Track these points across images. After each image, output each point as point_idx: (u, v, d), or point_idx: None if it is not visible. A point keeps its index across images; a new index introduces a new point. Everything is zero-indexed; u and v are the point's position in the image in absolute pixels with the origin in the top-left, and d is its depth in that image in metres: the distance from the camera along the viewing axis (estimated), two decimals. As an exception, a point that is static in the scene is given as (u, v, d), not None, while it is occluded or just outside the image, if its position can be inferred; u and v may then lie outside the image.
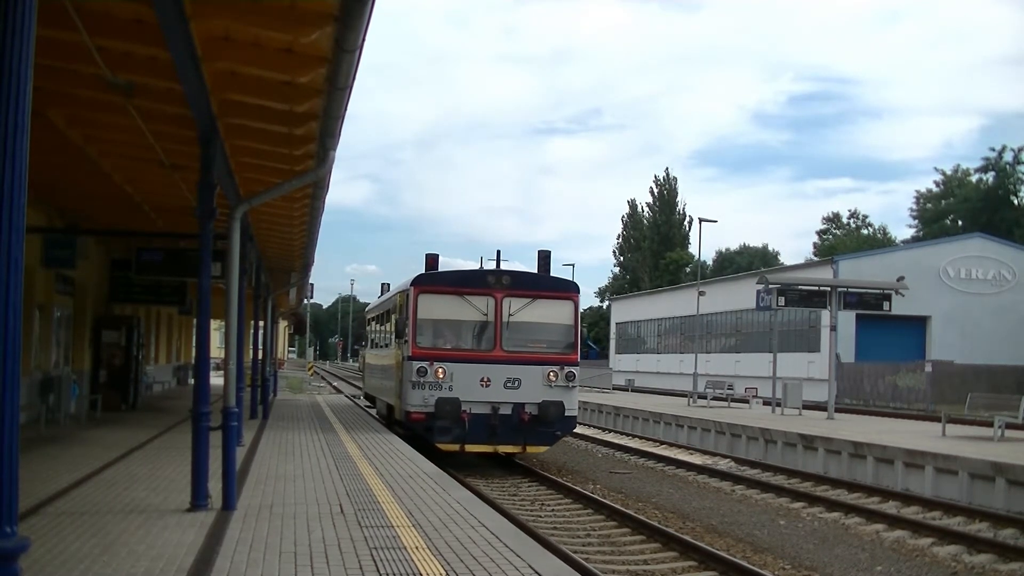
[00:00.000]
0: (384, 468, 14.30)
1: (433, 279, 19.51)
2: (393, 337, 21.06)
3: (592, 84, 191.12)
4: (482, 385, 18.50)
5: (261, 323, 26.89)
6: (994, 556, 12.51)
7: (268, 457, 15.37)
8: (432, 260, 20.80)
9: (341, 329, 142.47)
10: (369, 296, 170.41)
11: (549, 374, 18.80)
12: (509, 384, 18.58)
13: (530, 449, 19.12)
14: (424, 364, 18.39)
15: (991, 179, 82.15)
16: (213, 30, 8.00)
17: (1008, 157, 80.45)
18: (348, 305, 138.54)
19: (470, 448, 18.50)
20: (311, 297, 54.45)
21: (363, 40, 7.46)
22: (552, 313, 19.47)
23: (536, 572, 7.61)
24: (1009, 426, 22.33)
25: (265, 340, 28.45)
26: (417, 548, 8.41)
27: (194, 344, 20.65)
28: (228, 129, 10.60)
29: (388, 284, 30.34)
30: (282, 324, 58.14)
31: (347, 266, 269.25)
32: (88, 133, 12.17)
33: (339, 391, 50.95)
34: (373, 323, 29.14)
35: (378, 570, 7.55)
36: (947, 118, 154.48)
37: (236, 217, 11.10)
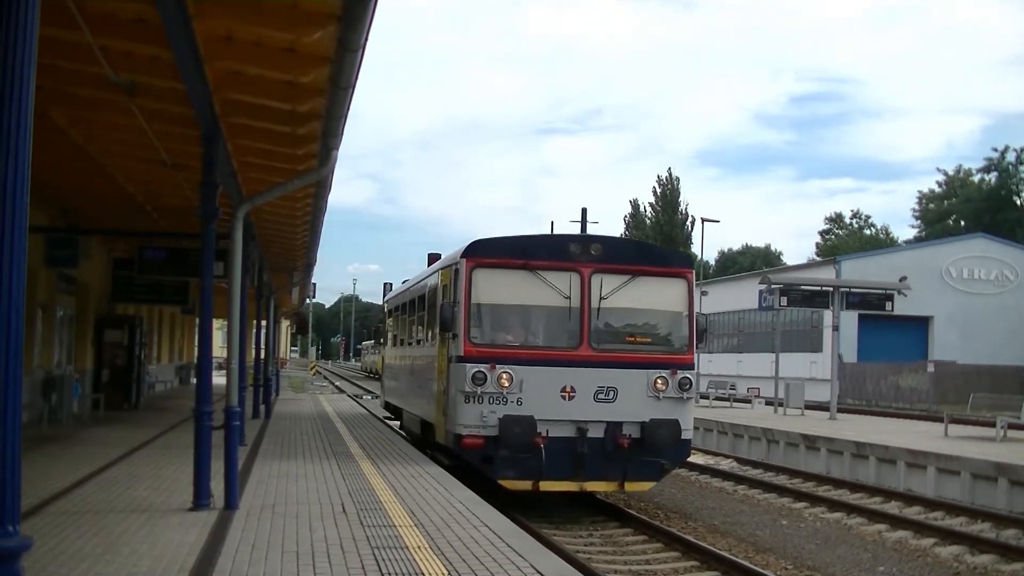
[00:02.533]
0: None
1: (494, 248, 14.04)
2: (428, 331, 16.74)
3: (592, 84, 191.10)
4: (563, 397, 13.45)
5: (263, 322, 26.89)
6: (996, 556, 12.49)
7: (270, 456, 15.37)
8: (435, 260, 19.56)
9: (344, 328, 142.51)
10: (371, 296, 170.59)
11: (656, 380, 13.78)
12: (601, 395, 13.57)
13: (630, 486, 14.05)
14: (482, 368, 13.28)
15: (993, 179, 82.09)
16: (215, 29, 8.00)
17: (1011, 157, 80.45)
18: (351, 304, 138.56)
19: (548, 486, 13.45)
20: (313, 296, 54.36)
21: (366, 40, 7.46)
22: (659, 296, 14.54)
23: (538, 572, 7.60)
24: (1011, 426, 22.31)
25: (267, 340, 28.45)
26: (419, 548, 8.40)
27: (196, 343, 20.62)
28: (230, 129, 10.60)
29: (390, 284, 29.67)
30: (284, 324, 58.14)
31: (349, 265, 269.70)
32: (90, 132, 12.17)
33: (341, 391, 50.91)
34: (397, 314, 22.58)
35: (380, 570, 7.54)
36: (949, 118, 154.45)
37: (238, 217, 11.10)
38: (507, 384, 13.28)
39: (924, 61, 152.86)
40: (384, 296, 29.76)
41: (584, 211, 46.56)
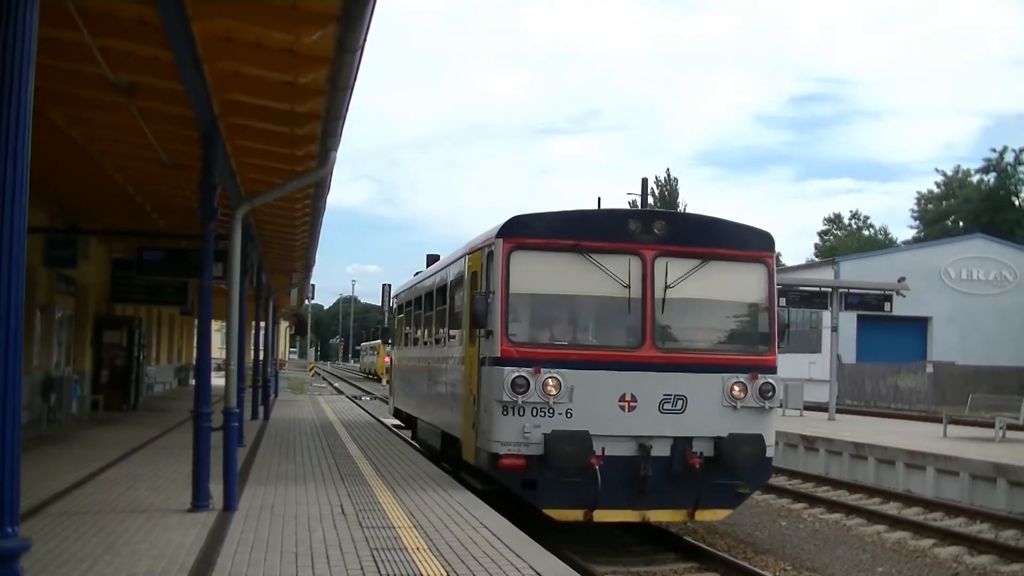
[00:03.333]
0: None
1: (536, 226, 11.80)
2: (451, 328, 14.76)
3: (592, 84, 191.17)
4: (622, 408, 11.35)
5: (262, 324, 26.89)
6: (995, 557, 12.49)
7: (269, 457, 15.36)
8: (434, 261, 19.26)
9: (342, 330, 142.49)
10: (370, 297, 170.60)
11: (732, 387, 11.68)
12: (668, 405, 11.47)
13: (701, 515, 11.87)
14: (523, 372, 11.14)
15: (992, 180, 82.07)
16: (215, 30, 7.99)
17: (1009, 158, 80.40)
18: (349, 306, 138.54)
19: (603, 516, 11.32)
20: (312, 298, 54.34)
21: (364, 40, 7.46)
22: (735, 284, 12.44)
23: (537, 573, 7.60)
24: (1010, 427, 22.28)
25: (266, 341, 28.45)
26: (418, 549, 8.40)
27: (195, 344, 20.63)
28: (230, 129, 10.60)
29: (389, 284, 29.58)
30: (283, 325, 58.13)
31: (348, 266, 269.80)
32: (89, 133, 12.17)
33: (340, 392, 50.89)
34: (410, 310, 20.12)
35: (379, 571, 7.54)
36: (948, 119, 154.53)
37: (237, 217, 11.10)
38: (554, 392, 11.16)
39: (923, 61, 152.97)
40: (383, 296, 29.63)
41: (645, 182, 39.60)
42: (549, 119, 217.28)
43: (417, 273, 21.25)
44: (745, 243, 12.36)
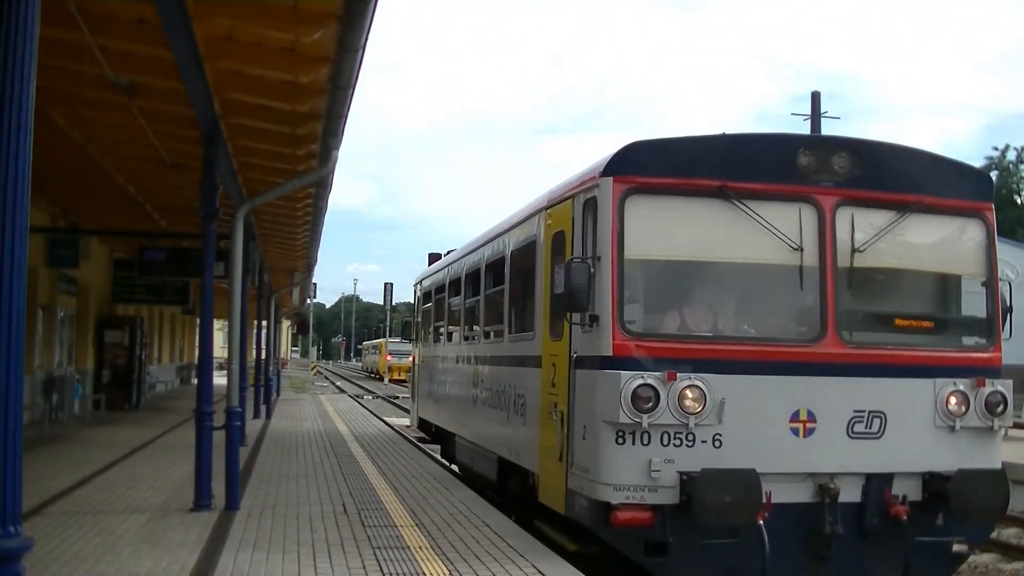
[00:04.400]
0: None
1: (663, 160, 8.14)
2: (513, 316, 11.10)
3: (593, 83, 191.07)
4: (795, 432, 7.84)
5: (264, 323, 26.90)
6: (997, 555, 12.48)
7: (271, 456, 15.36)
8: (434, 259, 18.85)
9: (344, 329, 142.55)
10: (372, 296, 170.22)
11: (949, 398, 8.18)
12: (859, 426, 7.95)
13: None
14: (651, 378, 7.64)
15: (994, 178, 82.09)
16: (216, 30, 8.00)
17: (1011, 156, 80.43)
18: (351, 305, 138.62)
19: None
20: (314, 297, 54.39)
21: (366, 39, 7.46)
22: (946, 248, 8.88)
23: (539, 572, 7.60)
24: (1014, 425, 22.22)
25: (268, 340, 28.46)
26: (420, 548, 8.40)
27: (197, 344, 20.64)
28: (231, 129, 10.61)
29: (391, 283, 29.33)
30: (285, 324, 58.15)
31: (349, 265, 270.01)
32: (91, 133, 12.18)
33: (342, 391, 50.91)
34: (442, 298, 16.24)
35: (381, 570, 7.54)
36: (950, 118, 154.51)
37: (239, 217, 11.10)
38: (696, 408, 7.60)
39: (923, 61, 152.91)
40: (385, 296, 29.44)
41: (816, 97, 31.00)
42: (550, 119, 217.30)
43: (448, 252, 17.07)
44: (959, 188, 8.66)
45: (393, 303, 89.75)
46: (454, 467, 15.73)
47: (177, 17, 7.16)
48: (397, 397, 44.26)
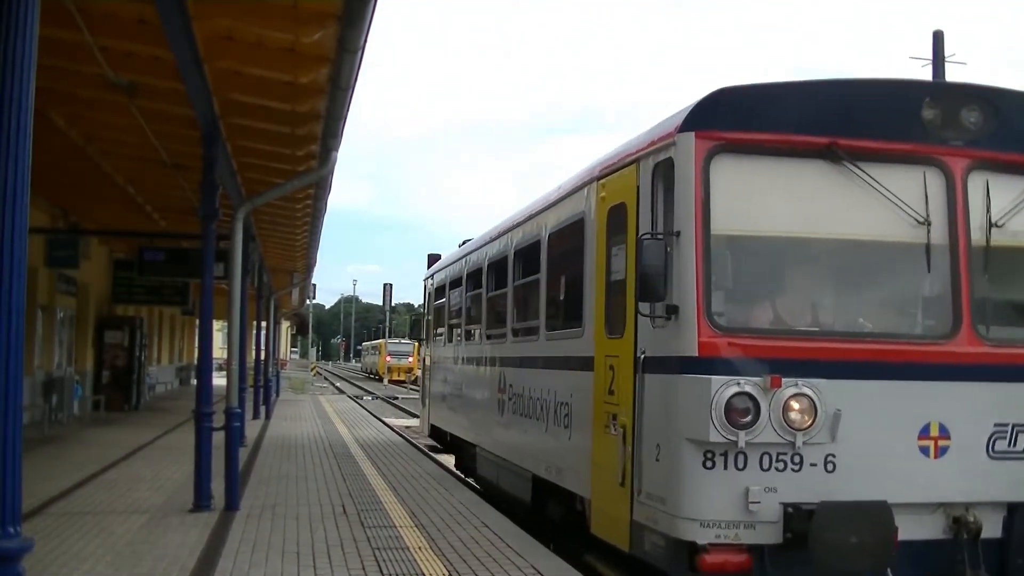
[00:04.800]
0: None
1: (757, 111, 6.74)
2: (553, 310, 9.62)
3: (593, 83, 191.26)
4: (924, 451, 6.43)
5: (263, 323, 26.89)
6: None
7: (271, 457, 15.36)
8: (434, 261, 18.31)
9: (344, 329, 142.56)
10: (371, 296, 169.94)
11: None
12: (1001, 443, 6.54)
13: None
14: (749, 384, 6.22)
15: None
16: (216, 30, 8.00)
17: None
18: (351, 305, 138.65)
19: None
20: (313, 297, 54.38)
21: (365, 40, 7.46)
22: None
23: (539, 572, 7.59)
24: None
25: (267, 341, 28.46)
26: (420, 548, 8.40)
27: (196, 344, 20.63)
28: (230, 129, 10.61)
29: (390, 284, 29.04)
30: (284, 324, 58.16)
31: (349, 266, 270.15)
32: (90, 133, 12.17)
33: (342, 392, 50.91)
34: (458, 292, 14.96)
35: (381, 571, 7.54)
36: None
37: (239, 217, 11.10)
38: (806, 422, 6.22)
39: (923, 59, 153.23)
40: (385, 296, 29.21)
41: (938, 36, 24.51)
42: (551, 118, 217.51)
43: (465, 243, 15.61)
44: None
45: (392, 304, 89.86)
46: (469, 478, 14.56)
47: (177, 17, 7.16)
48: (396, 398, 44.26)
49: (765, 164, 6.69)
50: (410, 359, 68.60)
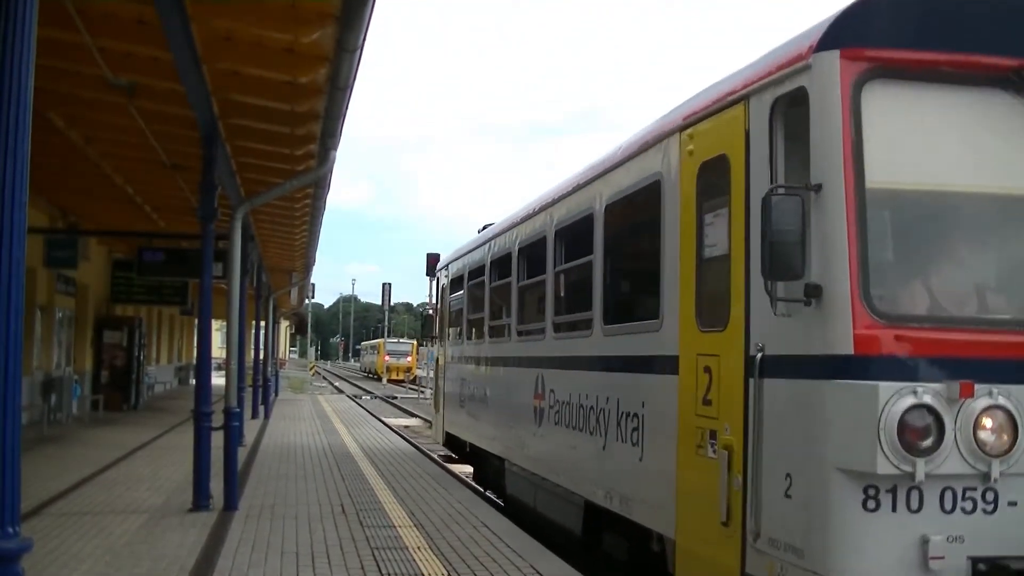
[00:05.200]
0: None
1: (918, 23, 4.99)
2: (613, 296, 8.14)
3: (593, 82, 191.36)
4: None
5: (262, 323, 26.90)
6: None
7: (270, 457, 15.36)
8: (434, 260, 17.81)
9: (343, 329, 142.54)
10: (370, 296, 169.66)
11: None
12: None
13: None
14: (929, 393, 4.60)
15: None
16: (214, 30, 8.00)
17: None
18: (350, 305, 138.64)
19: None
20: (312, 297, 54.33)
21: (364, 40, 7.47)
22: None
23: (538, 572, 7.60)
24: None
25: (266, 340, 28.45)
26: (419, 548, 8.41)
27: (195, 344, 20.61)
28: (229, 129, 10.61)
29: (389, 283, 28.99)
30: (283, 324, 58.15)
31: (348, 266, 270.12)
32: (89, 133, 12.17)
33: (340, 391, 50.92)
34: (480, 283, 13.29)
35: (380, 570, 7.55)
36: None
37: (237, 217, 11.11)
38: (1005, 445, 4.75)
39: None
40: (383, 296, 29.15)
41: None
42: (552, 118, 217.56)
43: (485, 228, 13.89)
44: None
45: (391, 303, 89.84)
46: (489, 493, 13.14)
47: (176, 18, 7.16)
48: (396, 397, 44.29)
49: (931, 93, 5.07)
50: (408, 359, 68.71)
